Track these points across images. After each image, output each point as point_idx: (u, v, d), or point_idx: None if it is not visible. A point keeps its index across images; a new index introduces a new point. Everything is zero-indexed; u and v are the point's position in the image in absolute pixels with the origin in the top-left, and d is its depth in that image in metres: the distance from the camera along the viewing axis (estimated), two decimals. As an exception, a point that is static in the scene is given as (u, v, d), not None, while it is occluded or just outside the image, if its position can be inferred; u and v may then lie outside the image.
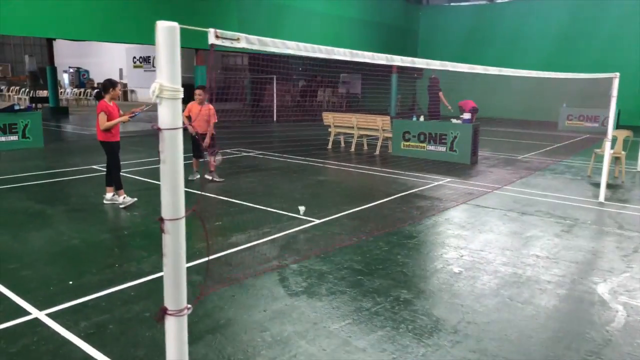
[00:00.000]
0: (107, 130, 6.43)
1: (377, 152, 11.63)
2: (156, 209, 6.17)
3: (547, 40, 21.58)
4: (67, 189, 7.52)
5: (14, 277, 4.22)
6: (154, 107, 1.84)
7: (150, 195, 7.20)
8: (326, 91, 29.59)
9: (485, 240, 5.33)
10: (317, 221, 5.96)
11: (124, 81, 34.72)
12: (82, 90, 29.61)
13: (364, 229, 5.71)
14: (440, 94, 15.25)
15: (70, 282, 4.12)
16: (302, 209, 6.09)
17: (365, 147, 12.42)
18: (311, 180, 8.45)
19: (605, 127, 17.38)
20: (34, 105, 16.38)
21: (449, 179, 8.62)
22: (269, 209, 6.53)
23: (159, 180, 1.69)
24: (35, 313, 3.57)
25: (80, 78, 36.41)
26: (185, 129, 6.97)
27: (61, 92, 25.04)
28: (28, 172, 8.60)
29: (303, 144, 13.23)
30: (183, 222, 1.72)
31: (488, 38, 23.16)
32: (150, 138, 13.71)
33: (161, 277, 1.80)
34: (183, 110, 6.08)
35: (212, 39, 1.81)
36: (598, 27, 20.25)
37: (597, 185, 7.91)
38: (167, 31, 1.61)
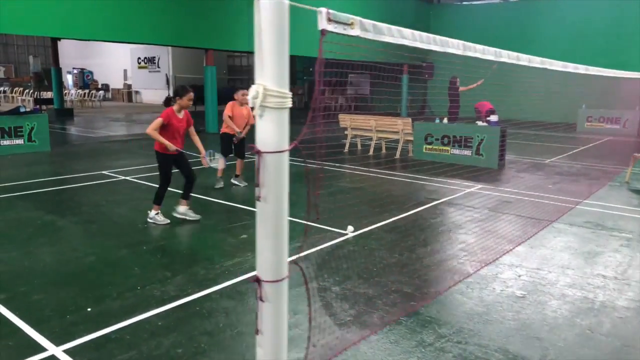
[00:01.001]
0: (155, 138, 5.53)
1: (398, 156, 11.15)
2: (174, 219, 5.76)
3: (563, 39, 21.07)
4: (77, 197, 7.06)
5: (25, 302, 3.75)
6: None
7: (166, 203, 6.72)
8: (334, 92, 29.16)
9: (541, 257, 4.85)
10: (351, 234, 5.49)
11: (129, 82, 34.34)
12: (87, 91, 29.16)
13: (404, 244, 5.23)
14: (461, 89, 14.78)
15: (89, 309, 3.65)
16: (350, 228, 5.55)
17: (384, 151, 11.94)
18: (333, 186, 7.97)
19: (627, 129, 16.98)
20: (39, 107, 15.90)
21: (479, 186, 8.14)
22: (294, 219, 6.02)
23: (181, 189, 1.20)
24: (51, 349, 3.11)
25: (84, 79, 36.00)
26: (231, 135, 6.48)
27: (65, 93, 24.60)
28: (35, 179, 8.14)
29: (317, 146, 12.77)
30: (286, 284, 1.25)
31: (502, 37, 22.62)
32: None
33: (190, 303, 1.32)
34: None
35: (322, 24, 1.33)
36: (617, 26, 19.72)
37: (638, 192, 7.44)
38: (274, 10, 1.13)
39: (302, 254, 4.84)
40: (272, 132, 1.10)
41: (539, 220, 6.17)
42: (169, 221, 5.76)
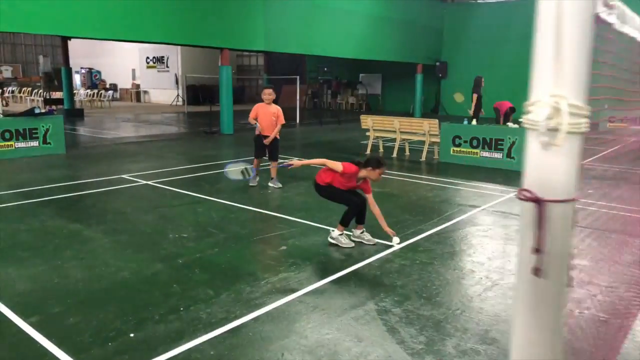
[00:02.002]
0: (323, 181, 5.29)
1: (423, 159, 10.78)
2: (206, 229, 5.37)
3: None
4: (100, 204, 6.73)
5: (61, 326, 3.42)
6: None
7: (194, 209, 6.39)
8: (346, 92, 28.76)
9: (610, 272, 4.48)
10: (397, 246, 5.14)
11: (137, 82, 34.08)
12: (96, 91, 28.89)
13: (457, 257, 4.87)
14: (475, 95, 14.37)
15: (132, 335, 3.31)
16: (396, 240, 5.18)
17: (407, 153, 11.58)
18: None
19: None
20: (54, 108, 15.62)
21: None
22: (332, 228, 5.71)
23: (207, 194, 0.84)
24: (97, 385, 2.77)
25: (92, 79, 35.75)
26: (262, 137, 6.10)
27: (75, 93, 24.34)
28: (54, 183, 7.82)
29: (337, 148, 12.43)
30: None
31: (519, 36, 22.20)
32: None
33: (241, 327, 0.95)
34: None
35: (599, 6, 0.96)
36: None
37: (692, 198, 7.02)
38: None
39: (350, 269, 4.50)
40: (562, 170, 0.74)
41: (593, 230, 5.79)
42: (353, 244, 5.15)
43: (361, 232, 5.28)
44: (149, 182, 8.08)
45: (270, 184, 7.88)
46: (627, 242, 5.30)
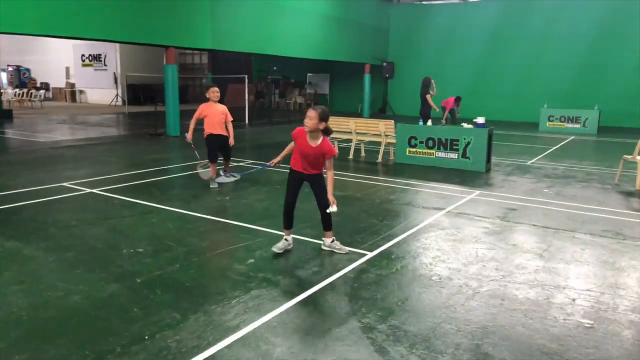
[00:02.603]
0: None
1: (380, 160, 10.70)
2: (163, 242, 4.85)
3: (523, 39, 21.43)
4: (40, 217, 6.09)
5: (4, 368, 2.95)
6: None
7: (147, 220, 5.91)
8: (293, 92, 28.49)
9: (584, 275, 4.49)
10: (369, 254, 4.95)
11: (72, 81, 32.19)
12: (25, 90, 26.97)
13: (433, 264, 4.73)
14: (428, 96, 14.56)
15: (91, 374, 2.90)
16: (333, 208, 4.89)
17: (363, 154, 11.47)
18: (328, 196, 7.39)
19: (587, 128, 17.42)
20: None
21: (477, 192, 7.81)
22: (300, 237, 5.44)
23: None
24: None
25: (21, 77, 33.46)
26: (214, 137, 5.71)
27: (2, 92, 22.54)
28: (-16, 194, 7.05)
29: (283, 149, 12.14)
30: None
31: (464, 38, 22.80)
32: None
33: (215, 356, 0.70)
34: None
35: None
36: (579, 27, 20.23)
37: (633, 194, 7.35)
38: None
39: (325, 282, 4.24)
40: None
41: (557, 230, 5.86)
42: (348, 250, 4.98)
43: (331, 241, 5.04)
44: (94, 191, 7.46)
45: (224, 175, 7.99)
46: (592, 242, 5.39)
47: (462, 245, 5.26)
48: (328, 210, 4.87)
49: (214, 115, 7.66)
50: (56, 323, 3.50)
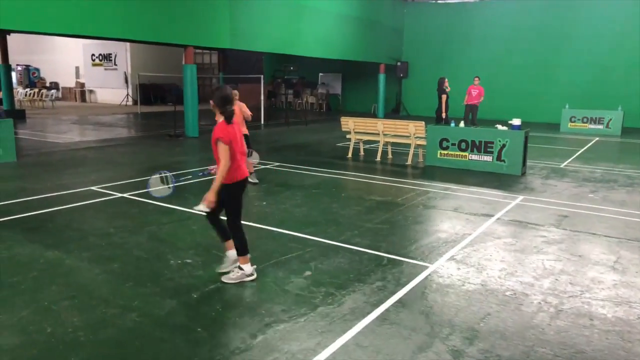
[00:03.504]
0: None
1: (409, 162, 10.42)
2: (210, 251, 4.35)
3: (538, 38, 21.08)
4: (75, 224, 5.83)
5: (73, 399, 2.68)
6: None
7: (187, 227, 5.65)
8: (305, 92, 28.19)
9: (667, 291, 4.20)
10: (431, 266, 4.67)
11: (82, 80, 32.00)
12: (36, 90, 26.76)
13: (503, 279, 4.44)
14: (444, 96, 14.30)
15: (169, 406, 2.64)
16: (200, 207, 4.13)
17: (390, 156, 11.19)
18: (366, 201, 7.12)
19: (610, 129, 17.07)
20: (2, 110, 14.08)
21: (521, 197, 7.51)
22: (351, 246, 5.17)
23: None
24: None
25: (30, 77, 33.29)
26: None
27: (15, 92, 22.36)
28: (12, 198, 6.79)
29: (314, 152, 11.89)
30: None
31: (481, 37, 22.47)
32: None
33: None
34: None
35: None
36: (600, 25, 19.86)
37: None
38: None
39: (393, 298, 3.97)
40: None
41: (619, 239, 5.57)
42: (254, 276, 4.30)
43: (234, 262, 4.25)
44: (125, 195, 7.21)
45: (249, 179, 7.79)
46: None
47: (526, 257, 4.97)
48: (195, 208, 4.16)
49: (235, 117, 7.47)
50: (118, 345, 3.24)
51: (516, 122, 9.46)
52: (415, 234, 5.68)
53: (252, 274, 4.25)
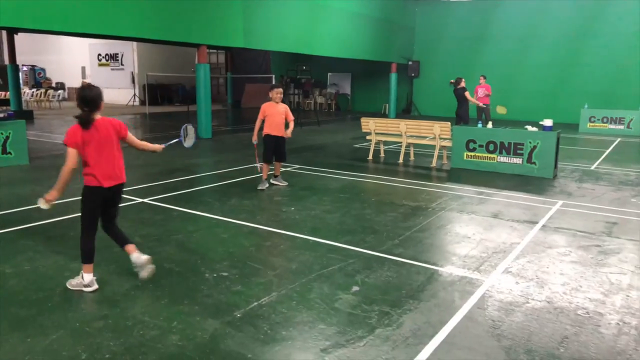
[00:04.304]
0: None
1: (434, 165, 10.07)
2: (246, 263, 3.87)
3: (550, 36, 20.66)
4: (98, 232, 5.48)
5: None
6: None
7: (217, 236, 5.30)
8: (314, 92, 27.82)
9: None
10: (486, 279, 4.32)
11: (87, 80, 31.71)
12: (43, 90, 26.49)
13: (574, 297, 4.09)
14: (467, 93, 13.91)
15: None
16: (41, 202, 3.89)
17: (412, 158, 10.84)
18: (399, 206, 6.77)
19: (631, 129, 16.67)
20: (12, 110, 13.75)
21: (560, 202, 7.15)
22: (396, 258, 4.83)
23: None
24: None
25: (36, 77, 33.04)
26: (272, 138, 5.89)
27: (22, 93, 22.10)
28: (29, 204, 6.45)
29: (334, 154, 11.55)
30: None
31: (494, 36, 22.09)
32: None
33: None
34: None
35: None
36: (618, 24, 19.43)
37: None
38: None
39: (457, 317, 3.62)
40: None
41: (679, 248, 5.21)
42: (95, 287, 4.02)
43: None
44: (145, 200, 6.88)
45: (274, 182, 7.89)
46: None
47: (586, 269, 4.62)
48: (39, 204, 3.89)
49: (275, 116, 7.46)
50: (163, 375, 2.90)
51: (547, 122, 9.10)
52: (459, 243, 5.33)
53: (89, 285, 3.96)
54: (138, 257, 4.08)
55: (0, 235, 5.28)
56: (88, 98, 3.77)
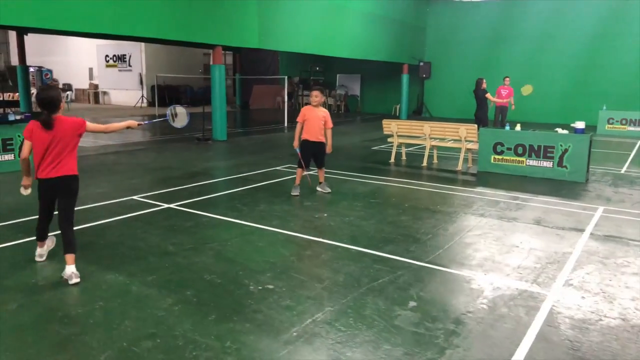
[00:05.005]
0: None
1: (459, 168, 9.82)
2: (289, 274, 3.51)
3: (561, 37, 20.37)
4: (128, 240, 5.25)
5: None
6: None
7: (253, 244, 5.06)
8: (323, 93, 27.57)
9: None
10: (547, 293, 4.06)
11: (95, 82, 31.55)
12: (51, 92, 26.25)
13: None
14: (488, 95, 13.67)
15: None
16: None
17: (435, 161, 10.58)
18: (434, 212, 6.52)
19: (652, 131, 16.37)
20: (25, 112, 13.55)
21: (600, 207, 6.89)
22: (446, 269, 4.58)
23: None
24: None
25: (43, 78, 32.86)
26: (310, 143, 4.97)
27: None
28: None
29: (353, 157, 11.31)
30: None
31: (499, 35, 21.83)
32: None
33: None
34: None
35: None
36: (633, 26, 19.15)
37: None
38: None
39: (530, 337, 3.36)
40: None
41: None
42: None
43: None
44: (172, 206, 6.64)
45: (319, 189, 7.56)
46: None
47: (651, 282, 4.36)
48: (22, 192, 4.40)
49: (314, 120, 7.11)
50: (226, 403, 2.66)
51: (580, 125, 8.84)
52: (509, 252, 5.07)
53: (38, 257, 4.49)
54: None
55: (24, 244, 5.05)
56: (45, 99, 3.97)
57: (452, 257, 4.90)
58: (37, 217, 4.48)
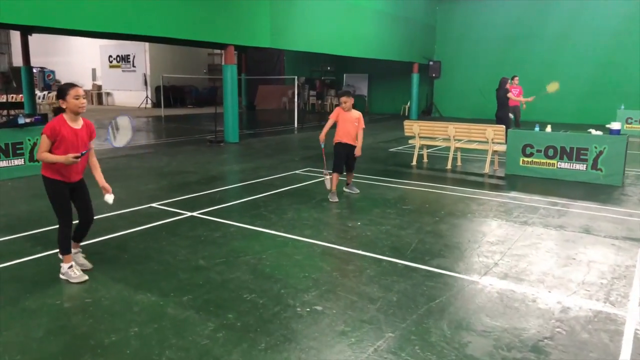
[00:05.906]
0: None
1: (486, 171, 9.44)
2: (336, 292, 3.06)
3: (573, 36, 19.99)
4: (154, 252, 4.87)
5: None
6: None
7: (290, 257, 4.68)
8: (329, 93, 27.21)
9: None
10: (625, 314, 3.69)
11: (98, 83, 31.17)
12: (55, 93, 25.93)
13: None
14: (510, 95, 13.26)
15: None
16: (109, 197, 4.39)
17: (459, 164, 10.21)
18: (473, 221, 6.14)
19: (672, 131, 15.98)
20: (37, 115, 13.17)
21: (647, 213, 6.52)
22: (506, 287, 4.20)
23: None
24: None
25: (45, 79, 32.47)
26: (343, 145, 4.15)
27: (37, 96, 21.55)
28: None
29: (371, 159, 10.93)
30: None
31: (509, 34, 21.45)
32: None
33: None
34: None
35: None
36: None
37: None
38: None
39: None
40: None
41: None
42: (87, 278, 4.14)
43: (69, 267, 4.15)
44: (194, 214, 6.26)
45: (346, 189, 7.52)
46: None
47: None
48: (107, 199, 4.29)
49: (347, 122, 6.93)
50: None
51: (615, 126, 8.47)
52: (567, 266, 4.69)
53: (72, 275, 4.10)
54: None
55: (43, 258, 4.67)
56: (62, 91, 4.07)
57: (507, 271, 4.52)
58: (55, 227, 4.12)
